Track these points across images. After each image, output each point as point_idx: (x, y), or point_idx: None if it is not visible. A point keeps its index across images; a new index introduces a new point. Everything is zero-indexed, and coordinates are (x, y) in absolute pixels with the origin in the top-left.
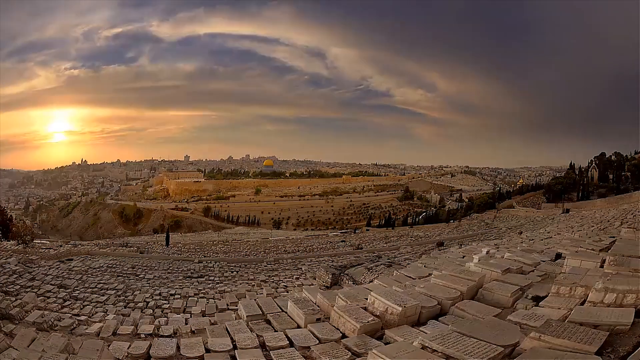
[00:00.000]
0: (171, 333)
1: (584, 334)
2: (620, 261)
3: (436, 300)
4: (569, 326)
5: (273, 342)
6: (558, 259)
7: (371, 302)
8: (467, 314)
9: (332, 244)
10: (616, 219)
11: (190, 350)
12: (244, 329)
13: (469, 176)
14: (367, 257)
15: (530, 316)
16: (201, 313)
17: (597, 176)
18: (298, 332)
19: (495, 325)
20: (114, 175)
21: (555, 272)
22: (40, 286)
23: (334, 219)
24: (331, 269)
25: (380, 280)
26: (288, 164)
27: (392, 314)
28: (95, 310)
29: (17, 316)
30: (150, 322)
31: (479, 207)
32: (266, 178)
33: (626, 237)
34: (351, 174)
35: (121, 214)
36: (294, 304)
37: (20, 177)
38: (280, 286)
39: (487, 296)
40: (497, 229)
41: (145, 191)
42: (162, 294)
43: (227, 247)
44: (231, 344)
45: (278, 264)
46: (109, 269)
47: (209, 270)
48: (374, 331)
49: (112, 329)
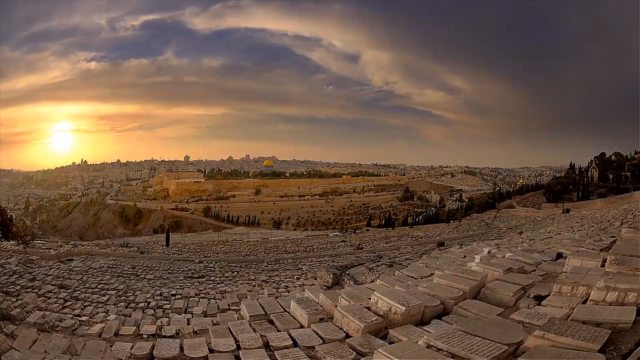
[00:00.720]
0: (174, 333)
1: (587, 332)
2: (621, 260)
3: (439, 299)
4: (572, 324)
5: (277, 342)
6: (559, 258)
7: (374, 302)
8: (470, 313)
9: (333, 244)
10: (616, 219)
11: (194, 350)
12: (247, 329)
13: (469, 176)
14: (367, 257)
15: (533, 315)
16: (203, 313)
17: (597, 176)
18: (302, 332)
19: (499, 324)
20: (114, 175)
21: (556, 271)
22: (41, 286)
23: (334, 219)
24: (332, 269)
25: (383, 280)
26: (288, 164)
27: (396, 313)
28: (96, 311)
29: (18, 317)
30: (152, 323)
31: (479, 207)
32: (266, 178)
33: (627, 237)
34: (351, 174)
35: (121, 214)
36: (296, 304)
37: (20, 177)
38: (281, 286)
39: (490, 295)
40: (498, 229)
41: (145, 191)
42: (163, 294)
43: (228, 247)
44: (235, 344)
45: (279, 264)
46: (109, 269)
47: (210, 270)
48: (378, 331)
49: (114, 330)
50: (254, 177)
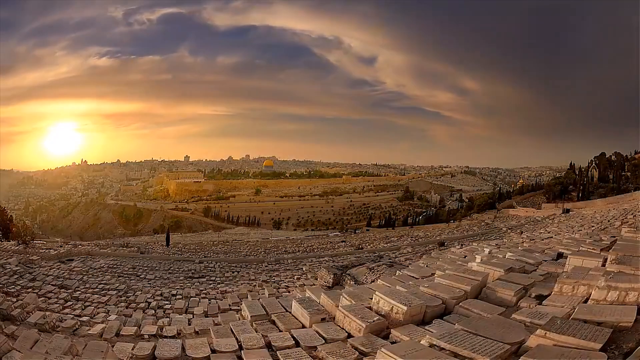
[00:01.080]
0: (175, 334)
1: (588, 331)
2: (622, 260)
3: (440, 299)
4: (573, 323)
5: (279, 342)
6: (559, 258)
7: (376, 302)
8: (471, 312)
9: (333, 244)
10: (616, 219)
11: (196, 350)
12: (248, 329)
13: (469, 176)
14: (367, 257)
15: (535, 314)
16: (204, 313)
17: (597, 176)
18: (303, 332)
19: (501, 324)
20: (114, 175)
21: (557, 271)
22: (41, 287)
23: (334, 219)
24: (333, 269)
25: (384, 280)
26: (288, 164)
27: (398, 313)
28: (97, 311)
29: (19, 317)
30: (153, 323)
31: (479, 208)
32: (266, 178)
33: (627, 237)
34: (351, 174)
35: (121, 215)
36: (298, 304)
37: (20, 177)
38: (281, 286)
39: (491, 295)
40: (498, 229)
41: (146, 191)
42: (164, 295)
43: (228, 247)
44: (237, 345)
45: (279, 264)
46: (109, 270)
47: (210, 270)
48: (380, 330)
49: (115, 330)
50: (254, 177)
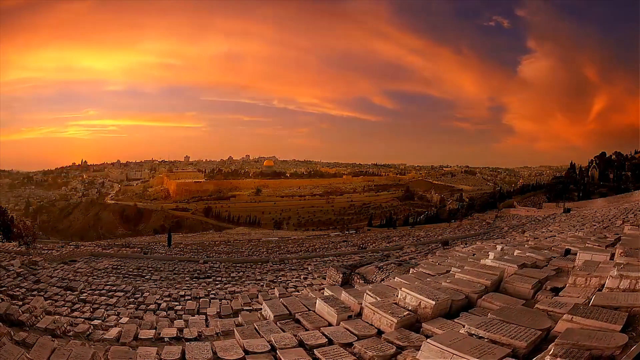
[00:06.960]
0: (196, 335)
1: (608, 315)
2: (630, 253)
3: (464, 293)
4: (594, 309)
5: (312, 341)
6: (567, 254)
7: (402, 298)
8: (494, 305)
9: (334, 244)
10: (617, 218)
11: (228, 352)
12: (275, 329)
13: (469, 176)
14: (372, 257)
15: (555, 304)
16: (217, 314)
17: (597, 176)
18: (333, 330)
19: (526, 313)
20: (114, 175)
21: (567, 266)
22: (47, 289)
23: (335, 219)
24: (341, 268)
25: (401, 278)
26: (288, 164)
27: (426, 307)
28: (107, 314)
29: (28, 322)
30: (169, 325)
31: (480, 207)
32: (266, 178)
33: (630, 234)
34: (351, 174)
35: (122, 215)
36: (323, 302)
37: (20, 178)
38: (289, 286)
39: (509, 289)
40: (499, 228)
41: (146, 191)
42: (172, 296)
43: (230, 247)
44: (268, 345)
45: (284, 264)
46: (114, 270)
47: (215, 270)
48: (410, 325)
49: (132, 334)
50: (255, 177)
